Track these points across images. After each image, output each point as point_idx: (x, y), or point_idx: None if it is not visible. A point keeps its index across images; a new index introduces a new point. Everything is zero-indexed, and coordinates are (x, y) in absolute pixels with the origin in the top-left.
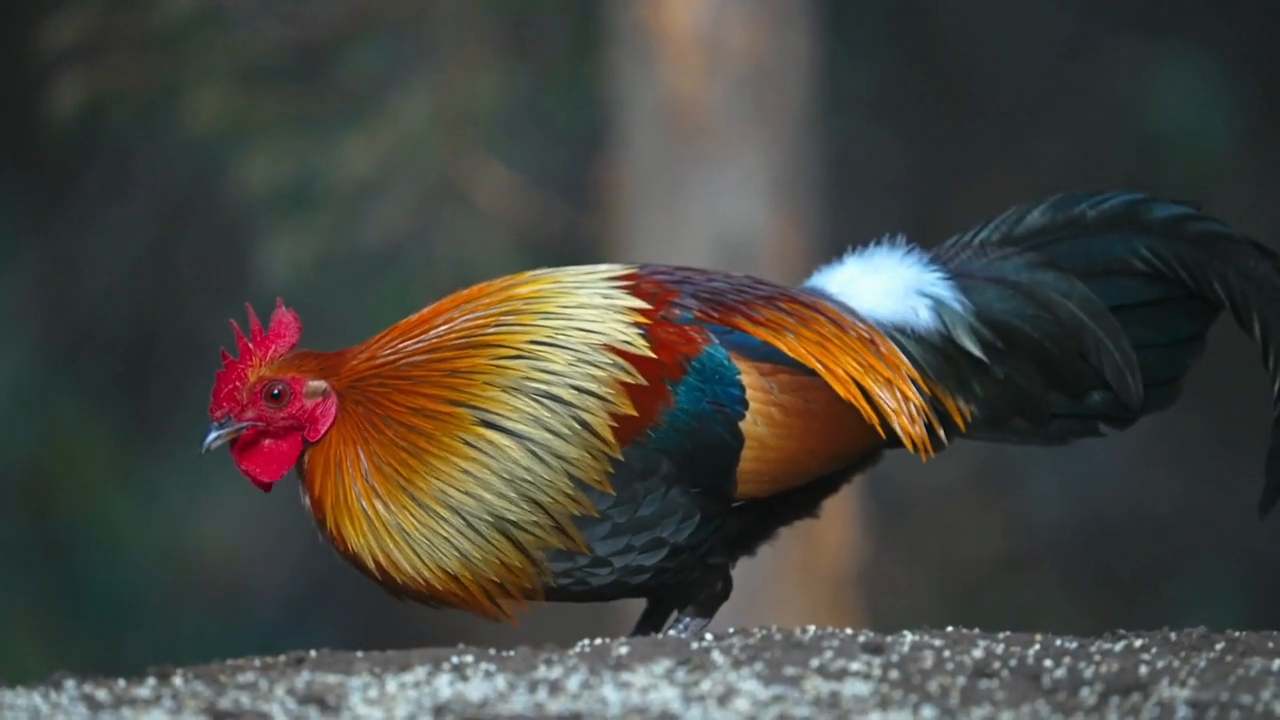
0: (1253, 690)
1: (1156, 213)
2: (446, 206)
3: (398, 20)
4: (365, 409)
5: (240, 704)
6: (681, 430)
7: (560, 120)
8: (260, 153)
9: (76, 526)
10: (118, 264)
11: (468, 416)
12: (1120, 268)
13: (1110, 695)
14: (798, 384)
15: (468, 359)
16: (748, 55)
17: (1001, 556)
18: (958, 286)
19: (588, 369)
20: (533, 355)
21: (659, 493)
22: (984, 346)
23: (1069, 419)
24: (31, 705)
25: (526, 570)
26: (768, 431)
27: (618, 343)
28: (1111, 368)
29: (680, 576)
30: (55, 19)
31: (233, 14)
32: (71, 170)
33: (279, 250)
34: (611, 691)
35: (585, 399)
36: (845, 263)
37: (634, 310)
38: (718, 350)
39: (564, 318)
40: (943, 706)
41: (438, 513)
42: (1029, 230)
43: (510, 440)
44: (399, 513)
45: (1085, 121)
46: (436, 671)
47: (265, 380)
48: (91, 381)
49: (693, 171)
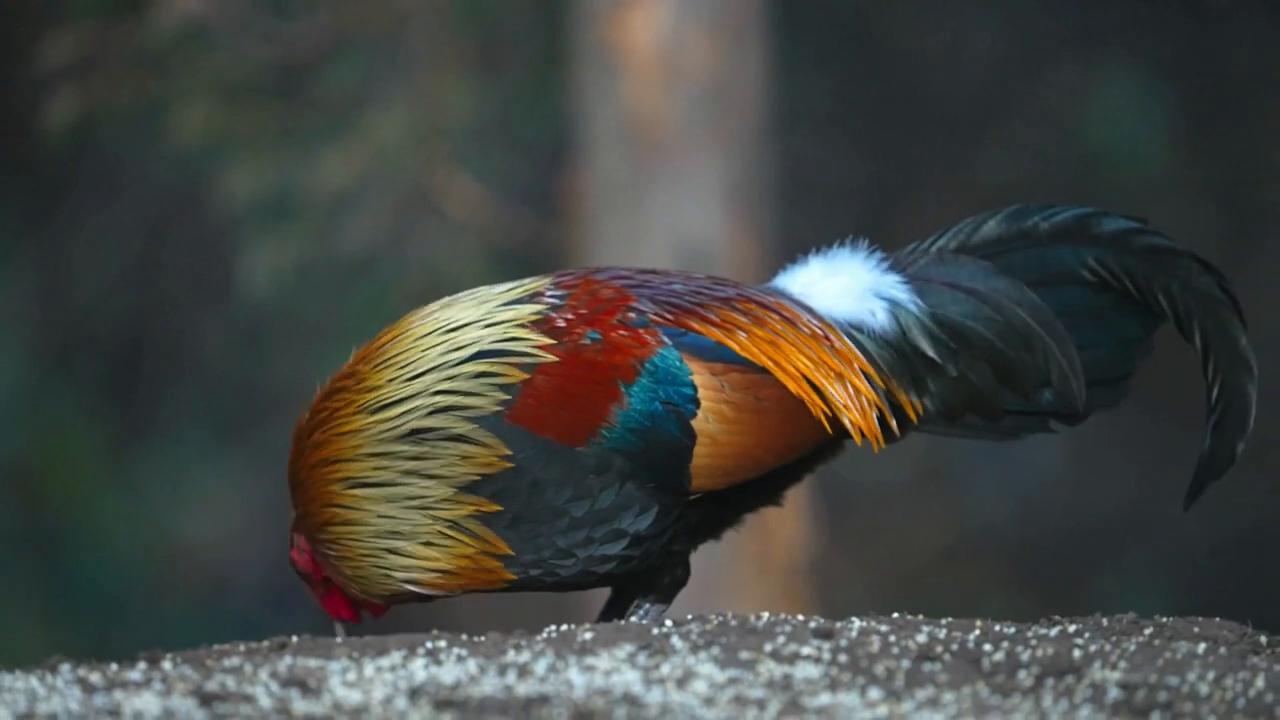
0: (1179, 672)
1: (1105, 226)
2: (420, 216)
3: (373, 40)
4: (306, 520)
5: (226, 686)
6: (635, 430)
7: (527, 134)
8: (243, 165)
9: (69, 520)
10: (108, 270)
11: (340, 484)
12: (1070, 277)
13: (1046, 677)
14: (749, 382)
15: (347, 425)
16: (705, 72)
17: (943, 548)
18: (914, 289)
19: (448, 383)
20: (390, 393)
21: (615, 487)
22: (937, 346)
23: (1020, 415)
24: (29, 687)
25: (481, 562)
26: (719, 428)
27: (492, 347)
28: (1057, 370)
29: (646, 563)
30: (50, 37)
31: (217, 34)
32: (64, 180)
33: (261, 257)
34: (577, 674)
35: (449, 415)
36: (809, 263)
37: (527, 315)
38: (670, 352)
39: (432, 344)
40: (888, 688)
41: (370, 559)
42: (984, 239)
43: (380, 489)
44: (355, 568)
45: (1028, 135)
46: (412, 656)
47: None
48: (82, 382)
49: (653, 182)
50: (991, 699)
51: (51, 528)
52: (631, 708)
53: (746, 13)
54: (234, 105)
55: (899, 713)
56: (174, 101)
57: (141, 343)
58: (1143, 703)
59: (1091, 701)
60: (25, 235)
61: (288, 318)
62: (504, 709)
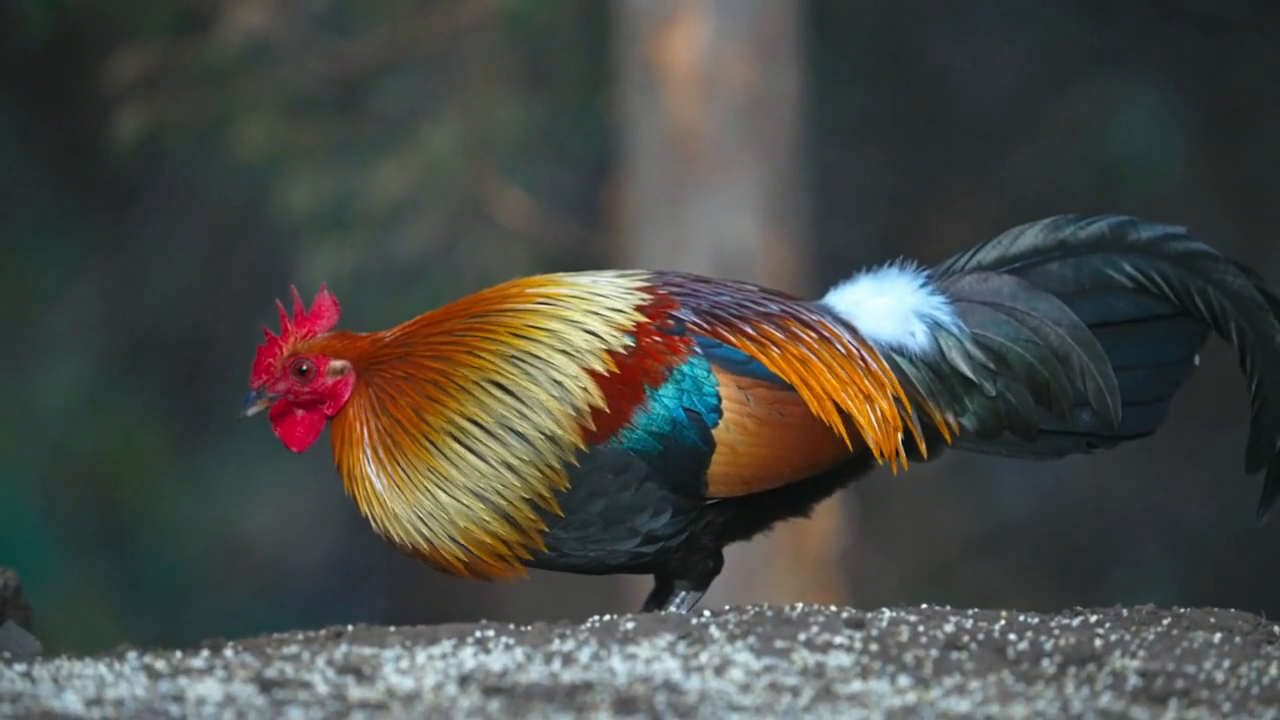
0: (1196, 661)
1: (1142, 233)
2: (471, 225)
3: (427, 57)
4: (377, 388)
5: (285, 673)
6: (654, 434)
7: (573, 146)
8: (303, 176)
9: (138, 515)
10: (174, 277)
11: (457, 405)
12: (1108, 285)
13: (1068, 666)
14: (774, 398)
15: (473, 343)
16: (742, 88)
17: (970, 541)
18: (956, 310)
19: (566, 362)
20: (527, 337)
21: (632, 488)
22: (976, 367)
23: (1056, 435)
24: (97, 674)
25: (511, 539)
26: (740, 439)
27: (605, 338)
28: (1094, 390)
29: (664, 558)
30: (119, 56)
31: (278, 51)
32: (132, 192)
33: (320, 264)
34: (619, 663)
35: (561, 390)
36: (858, 281)
37: (633, 315)
38: (700, 361)
39: (565, 316)
40: (917, 676)
41: (426, 487)
42: (1023, 250)
43: (494, 429)
44: (394, 485)
45: (1052, 148)
46: (461, 644)
47: (295, 356)
48: (151, 384)
49: (693, 193)
50: (1016, 686)
51: (121, 523)
52: (671, 694)
53: (782, 31)
54: (294, 119)
55: (927, 699)
56: (237, 116)
57: (207, 346)
58: (1161, 690)
59: (1112, 689)
60: (96, 245)
61: (345, 321)
62: (549, 695)
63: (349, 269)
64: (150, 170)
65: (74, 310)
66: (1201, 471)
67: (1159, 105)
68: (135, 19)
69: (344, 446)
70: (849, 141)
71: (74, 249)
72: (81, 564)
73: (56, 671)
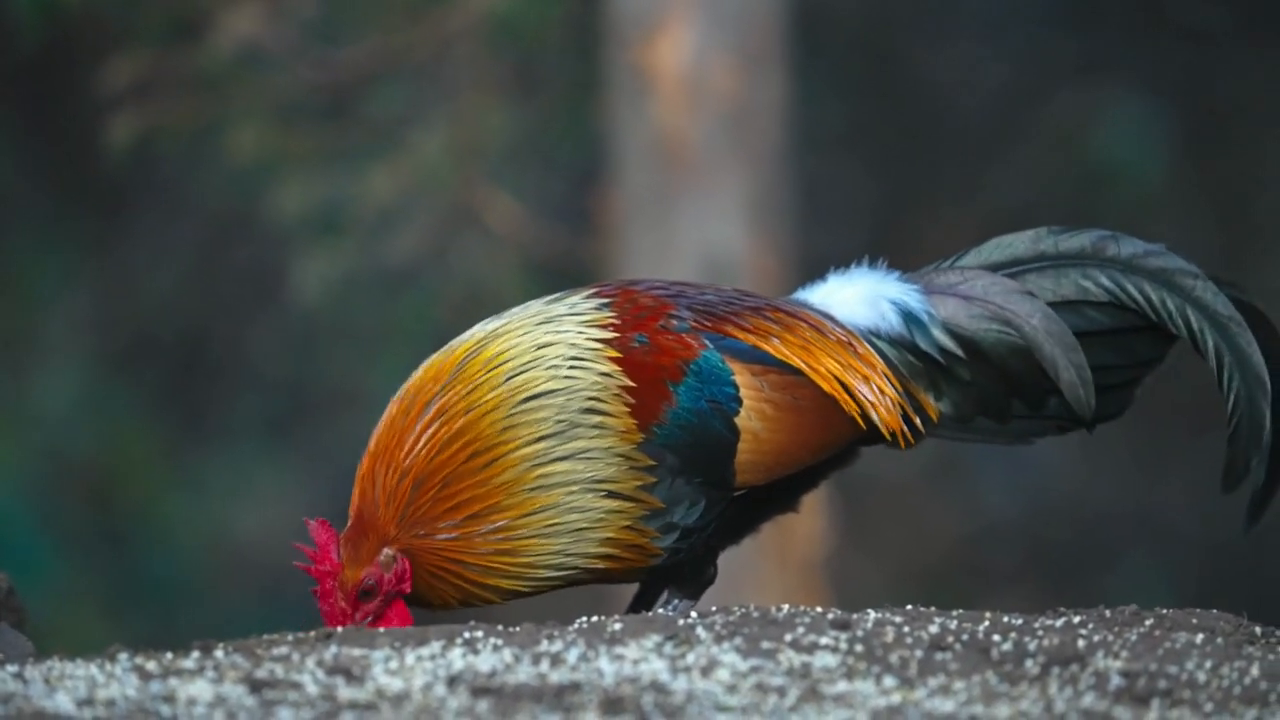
0: (1178, 661)
1: (1123, 248)
2: (461, 230)
3: (417, 64)
4: (421, 544)
5: (275, 674)
6: (683, 426)
7: (562, 153)
8: (294, 182)
9: (132, 517)
10: (167, 281)
11: (510, 505)
12: (1085, 298)
13: (1052, 666)
14: (786, 383)
15: (479, 459)
16: (728, 95)
17: (954, 542)
18: (926, 298)
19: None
20: (524, 421)
21: (667, 483)
22: (947, 353)
23: (1030, 419)
24: (89, 675)
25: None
26: (761, 426)
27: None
28: (1067, 383)
29: (691, 554)
30: (112, 63)
31: (270, 58)
32: (125, 197)
33: (311, 269)
34: (606, 663)
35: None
36: (828, 280)
37: (601, 328)
38: (712, 354)
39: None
40: (902, 676)
41: (520, 573)
42: (1004, 259)
43: (557, 492)
44: (512, 582)
45: (1034, 156)
46: (450, 645)
47: (353, 586)
48: (144, 387)
49: (680, 199)
50: (1000, 686)
51: (116, 525)
52: (658, 695)
53: (768, 40)
54: (286, 126)
55: (912, 699)
56: (229, 122)
57: (200, 349)
58: (1143, 690)
59: (1095, 689)
60: (89, 249)
61: (337, 325)
62: (537, 696)
63: (340, 274)
64: (143, 175)
65: (68, 314)
66: (1185, 474)
67: (1142, 114)
68: (128, 26)
69: (450, 593)
70: (834, 149)
71: (68, 253)
72: (76, 566)
73: (48, 672)
